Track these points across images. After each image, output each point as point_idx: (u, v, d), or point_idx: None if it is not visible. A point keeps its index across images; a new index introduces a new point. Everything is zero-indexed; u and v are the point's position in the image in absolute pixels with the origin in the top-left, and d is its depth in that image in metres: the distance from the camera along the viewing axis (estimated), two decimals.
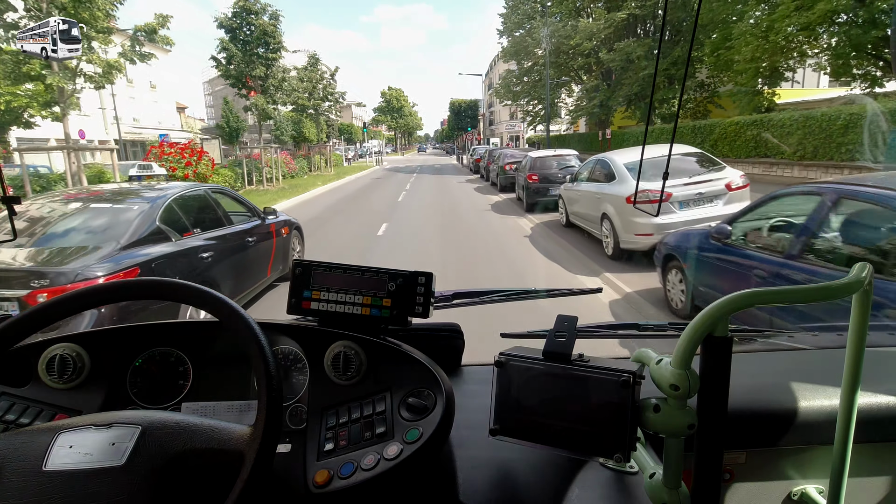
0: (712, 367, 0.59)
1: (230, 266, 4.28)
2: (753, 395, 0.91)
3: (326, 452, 0.78)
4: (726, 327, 0.58)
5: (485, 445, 0.78)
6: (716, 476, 0.60)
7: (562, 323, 0.73)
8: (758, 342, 1.31)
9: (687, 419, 0.60)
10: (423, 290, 0.92)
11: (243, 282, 4.48)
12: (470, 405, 0.90)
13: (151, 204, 3.73)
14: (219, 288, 4.01)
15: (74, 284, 2.96)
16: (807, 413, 0.88)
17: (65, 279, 2.98)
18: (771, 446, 0.90)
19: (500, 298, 1.21)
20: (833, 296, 0.60)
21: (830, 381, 0.92)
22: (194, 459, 0.60)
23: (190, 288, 0.69)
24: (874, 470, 0.92)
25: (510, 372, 0.71)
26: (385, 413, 0.80)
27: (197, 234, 4.01)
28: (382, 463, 0.72)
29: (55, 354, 0.86)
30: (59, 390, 0.86)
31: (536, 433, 0.69)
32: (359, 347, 0.87)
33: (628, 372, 0.64)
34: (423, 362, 0.84)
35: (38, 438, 0.60)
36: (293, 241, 5.73)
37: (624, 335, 1.17)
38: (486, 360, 1.06)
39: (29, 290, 2.93)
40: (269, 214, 5.24)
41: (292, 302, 0.93)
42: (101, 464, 0.57)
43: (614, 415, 0.64)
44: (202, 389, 0.91)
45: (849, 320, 0.66)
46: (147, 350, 0.92)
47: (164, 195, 3.92)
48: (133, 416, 0.64)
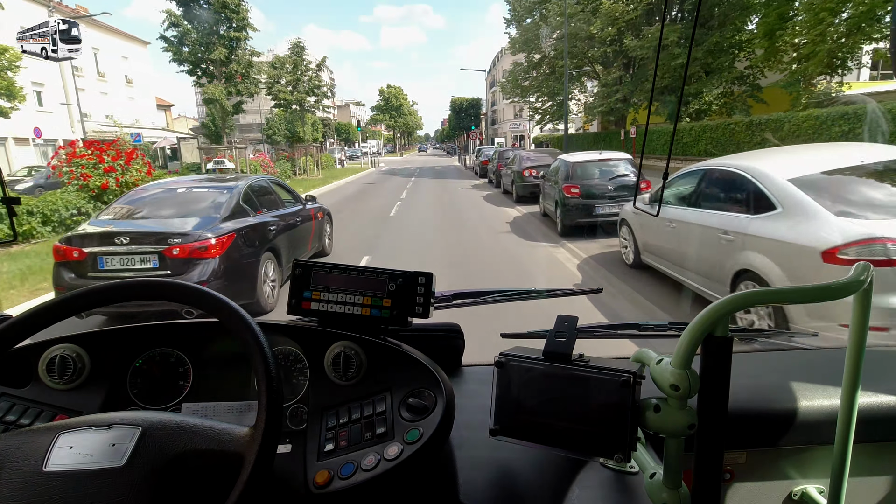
0: (712, 367, 0.59)
1: (286, 238, 5.41)
2: (754, 395, 0.92)
3: (327, 453, 0.78)
4: (726, 327, 0.58)
5: (485, 446, 0.78)
6: (716, 476, 0.60)
7: (562, 323, 0.73)
8: (758, 342, 1.31)
9: (687, 419, 0.60)
10: (424, 290, 0.92)
11: (293, 251, 5.59)
12: (470, 405, 0.91)
13: (235, 189, 4.99)
14: (280, 256, 5.17)
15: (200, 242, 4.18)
16: (807, 413, 0.88)
17: (191, 238, 4.17)
18: (771, 446, 0.90)
19: (500, 298, 1.21)
20: (833, 296, 0.60)
21: (830, 381, 0.92)
22: (194, 460, 0.60)
23: (190, 289, 0.69)
24: (874, 470, 0.92)
25: (510, 372, 0.71)
26: (385, 413, 0.80)
27: (265, 213, 5.23)
28: (383, 463, 0.72)
29: (55, 355, 0.86)
30: (59, 391, 0.86)
31: (537, 433, 0.69)
32: (359, 348, 0.87)
33: (628, 372, 0.64)
34: (423, 362, 0.84)
35: (38, 439, 0.60)
36: (325, 225, 6.98)
37: (624, 335, 1.17)
38: (486, 360, 1.06)
39: (166, 245, 4.13)
40: (309, 201, 6.51)
41: (292, 302, 0.93)
42: (102, 465, 0.57)
43: (614, 415, 0.64)
44: (202, 390, 0.91)
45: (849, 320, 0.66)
46: (147, 351, 0.92)
47: (241, 184, 5.20)
48: (133, 416, 0.64)
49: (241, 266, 4.47)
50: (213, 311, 0.68)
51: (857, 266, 0.61)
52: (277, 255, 5.08)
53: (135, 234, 4.18)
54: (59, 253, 4.24)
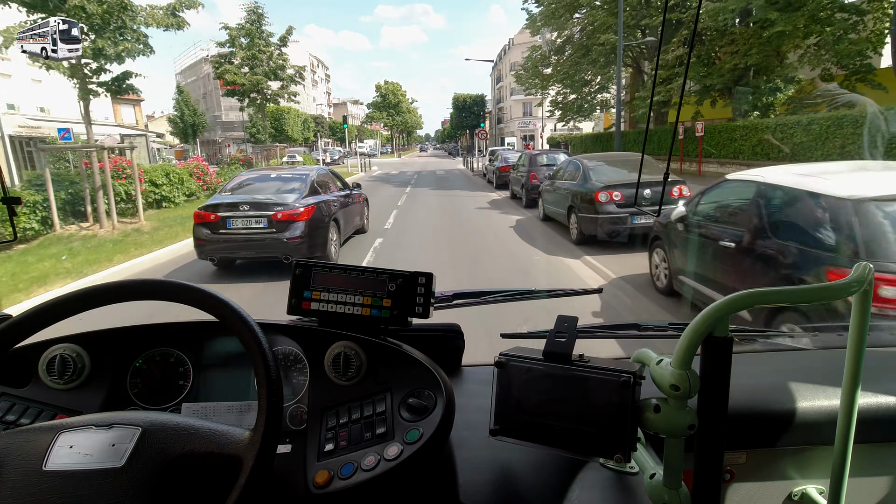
0: (712, 367, 0.59)
1: (342, 213, 7.27)
2: (754, 395, 0.91)
3: (327, 453, 0.78)
4: (726, 327, 0.58)
5: (485, 446, 0.78)
6: (716, 476, 0.60)
7: (562, 323, 0.73)
8: (758, 342, 1.31)
9: (687, 419, 0.60)
10: (424, 290, 0.92)
11: (347, 223, 7.60)
12: (470, 406, 0.90)
13: (308, 176, 6.89)
14: (339, 225, 7.06)
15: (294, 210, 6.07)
16: (807, 413, 0.88)
17: (288, 207, 6.09)
18: (771, 446, 0.90)
19: (500, 299, 1.21)
20: (833, 296, 0.60)
21: (830, 381, 0.92)
22: (193, 463, 0.60)
23: (190, 289, 0.69)
24: (874, 470, 0.92)
25: (510, 372, 0.71)
26: (385, 413, 0.80)
27: (329, 193, 7.16)
28: (383, 463, 0.72)
29: (55, 355, 0.86)
30: (59, 391, 0.86)
31: (537, 433, 0.69)
32: (359, 348, 0.87)
33: (628, 372, 0.64)
34: (423, 363, 0.84)
35: (38, 437, 0.60)
36: (364, 208, 9.07)
37: (624, 335, 1.17)
38: (486, 360, 1.06)
39: (272, 211, 6.00)
40: (356, 188, 8.37)
41: (292, 302, 0.93)
42: (101, 465, 0.57)
43: (614, 415, 0.64)
44: (202, 390, 0.91)
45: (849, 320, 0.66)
46: (147, 350, 0.92)
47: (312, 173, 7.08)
48: (134, 417, 0.64)
49: (318, 229, 6.31)
50: (214, 310, 0.68)
51: (858, 266, 0.61)
52: (338, 224, 6.99)
53: (251, 203, 6.10)
54: (199, 217, 6.10)
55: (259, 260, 6.15)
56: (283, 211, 6.03)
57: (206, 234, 6.06)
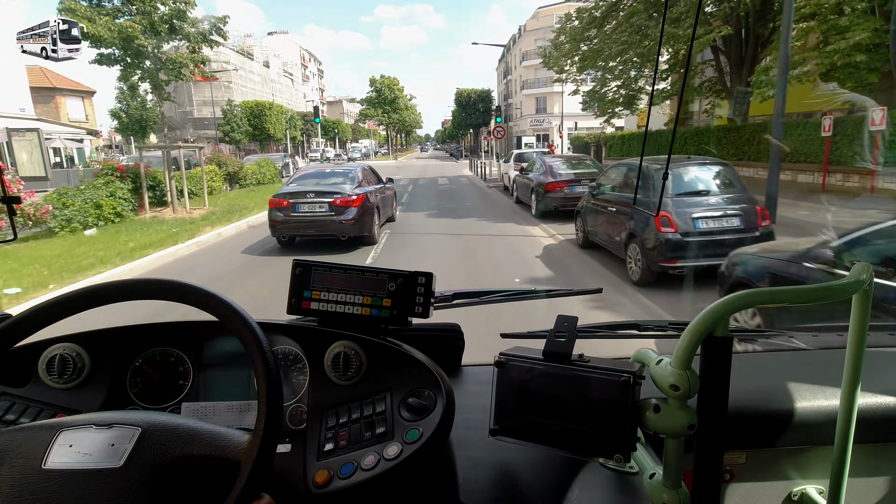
0: (712, 367, 0.59)
1: (382, 202, 8.96)
2: (753, 395, 0.91)
3: (326, 452, 0.78)
4: (726, 327, 0.58)
5: (485, 446, 0.78)
6: (716, 476, 0.60)
7: (562, 323, 0.73)
8: (758, 342, 1.31)
9: (687, 419, 0.60)
10: (424, 290, 0.92)
11: (384, 211, 9.21)
12: (470, 405, 0.90)
13: (356, 170, 8.70)
14: (380, 211, 8.73)
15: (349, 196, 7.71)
16: (807, 413, 0.88)
17: (345, 195, 7.71)
18: (771, 446, 0.90)
19: (500, 298, 1.21)
20: (833, 296, 0.60)
21: (830, 382, 0.92)
22: (192, 464, 0.60)
23: (191, 288, 0.69)
24: (874, 470, 0.92)
25: (510, 372, 0.71)
26: (385, 413, 0.80)
27: (372, 184, 8.74)
28: (382, 463, 0.72)
29: (55, 354, 0.86)
30: (59, 390, 0.86)
31: (536, 433, 0.69)
32: (359, 347, 0.87)
33: (628, 372, 0.64)
34: (423, 362, 0.84)
35: (38, 436, 0.60)
36: (394, 200, 10.59)
37: (624, 335, 1.17)
38: (486, 360, 1.06)
39: (332, 198, 7.65)
40: (389, 182, 9.92)
41: (292, 302, 0.93)
42: (100, 465, 0.57)
43: (614, 415, 0.64)
44: (202, 389, 0.91)
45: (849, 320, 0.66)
46: (147, 350, 0.92)
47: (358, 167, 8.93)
48: (134, 417, 0.63)
49: (366, 213, 7.86)
50: (214, 310, 0.68)
51: (857, 266, 0.61)
52: (379, 210, 8.57)
53: (316, 191, 7.77)
54: (274, 202, 7.77)
55: (319, 238, 7.74)
56: (340, 198, 7.64)
57: (280, 216, 7.70)
